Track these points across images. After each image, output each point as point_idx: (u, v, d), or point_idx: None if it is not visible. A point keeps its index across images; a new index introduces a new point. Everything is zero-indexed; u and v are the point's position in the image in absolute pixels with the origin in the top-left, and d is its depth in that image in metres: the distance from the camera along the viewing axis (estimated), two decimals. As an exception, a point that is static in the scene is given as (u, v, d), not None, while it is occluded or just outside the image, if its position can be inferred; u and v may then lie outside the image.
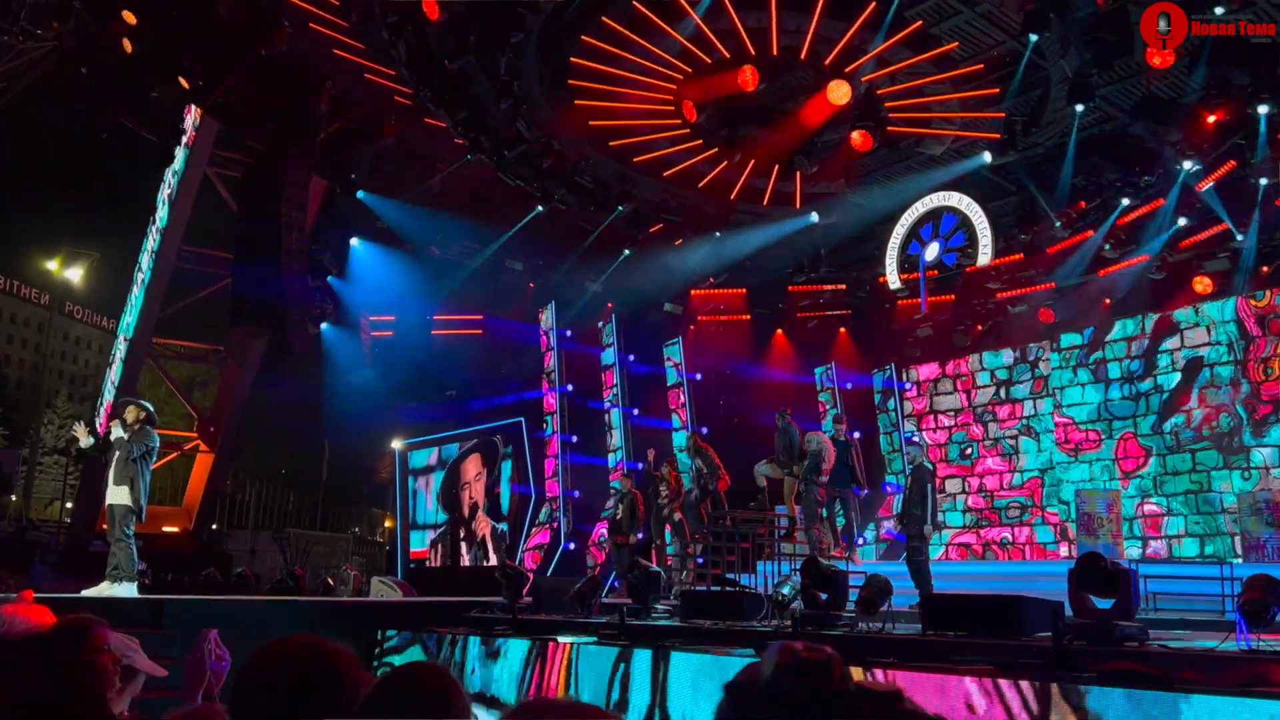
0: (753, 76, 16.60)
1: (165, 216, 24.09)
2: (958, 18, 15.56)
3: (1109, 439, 18.11)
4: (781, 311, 23.26)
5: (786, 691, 0.95)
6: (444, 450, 24.55)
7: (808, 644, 0.99)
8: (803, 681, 0.95)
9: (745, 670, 1.01)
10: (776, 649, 1.01)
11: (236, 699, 2.23)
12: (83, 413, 56.80)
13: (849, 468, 13.68)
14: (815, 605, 8.18)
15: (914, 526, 11.31)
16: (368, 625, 11.24)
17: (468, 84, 17.56)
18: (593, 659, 8.33)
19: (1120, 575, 6.81)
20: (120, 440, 10.22)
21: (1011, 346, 20.17)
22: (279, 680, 2.10)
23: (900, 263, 18.73)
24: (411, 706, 2.03)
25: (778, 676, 0.96)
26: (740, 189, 20.49)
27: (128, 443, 10.17)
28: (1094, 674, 5.51)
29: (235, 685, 2.19)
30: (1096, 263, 18.71)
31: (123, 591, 10.03)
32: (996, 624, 7.07)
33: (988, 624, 7.11)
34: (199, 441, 26.62)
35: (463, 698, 2.12)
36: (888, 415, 21.98)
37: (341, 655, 2.17)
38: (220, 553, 27.29)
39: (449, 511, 23.63)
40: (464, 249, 23.99)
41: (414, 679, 2.11)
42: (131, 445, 10.15)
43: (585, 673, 8.34)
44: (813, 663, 0.97)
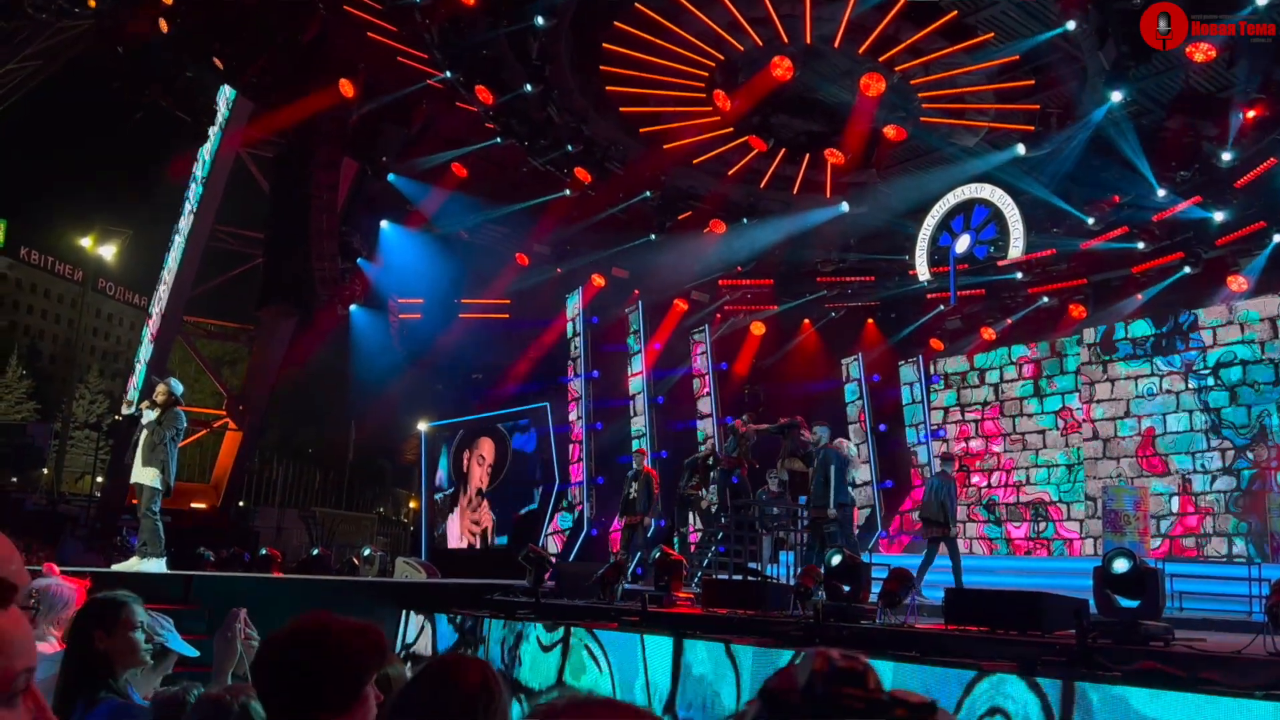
0: (787, 67, 16.50)
1: (198, 196, 24.29)
2: (994, 7, 15.39)
3: (1138, 436, 17.94)
4: (809, 302, 23.16)
5: (822, 698, 0.96)
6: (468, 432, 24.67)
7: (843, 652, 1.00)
8: (839, 689, 0.96)
9: (779, 676, 1.02)
10: (812, 655, 1.02)
11: (255, 677, 2.27)
12: (114, 388, 57.52)
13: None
14: (838, 597, 8.18)
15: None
16: (391, 605, 11.34)
17: (499, 68, 17.58)
18: (614, 645, 8.37)
19: (1147, 574, 6.78)
20: (151, 424, 10.29)
21: (1041, 340, 20.01)
22: (287, 660, 2.13)
23: (930, 255, 18.59)
24: (452, 698, 2.05)
25: (813, 683, 0.97)
26: (770, 177, 20.42)
27: (158, 424, 10.25)
28: (1118, 673, 5.49)
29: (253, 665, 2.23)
30: (1129, 258, 18.51)
31: (151, 567, 10.17)
32: (1020, 620, 7.05)
33: (1011, 620, 7.10)
34: (228, 419, 26.88)
35: (503, 692, 2.14)
36: (914, 408, 21.87)
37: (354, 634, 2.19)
38: (248, 530, 27.60)
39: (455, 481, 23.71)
40: (493, 233, 24.06)
41: (455, 671, 2.14)
42: (163, 428, 10.23)
43: (607, 658, 8.39)
44: (849, 671, 0.98)
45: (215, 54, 19.80)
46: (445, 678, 2.16)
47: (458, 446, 23.57)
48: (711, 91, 18.12)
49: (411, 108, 20.17)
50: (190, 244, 24.20)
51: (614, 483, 21.36)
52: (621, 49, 17.48)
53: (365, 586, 13.09)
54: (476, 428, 23.35)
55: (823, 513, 12.27)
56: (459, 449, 23.53)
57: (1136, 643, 6.22)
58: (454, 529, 23.17)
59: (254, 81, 20.49)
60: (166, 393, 10.40)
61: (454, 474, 23.57)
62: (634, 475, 15.27)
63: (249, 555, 17.99)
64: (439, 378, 26.18)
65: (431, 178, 21.76)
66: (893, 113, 17.67)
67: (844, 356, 22.65)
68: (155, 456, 10.21)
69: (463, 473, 23.31)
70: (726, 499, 15.57)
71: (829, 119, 18.34)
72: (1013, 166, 17.69)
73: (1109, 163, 16.73)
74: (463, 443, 23.52)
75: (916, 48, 16.48)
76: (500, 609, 10.36)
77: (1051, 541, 19.00)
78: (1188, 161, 16.12)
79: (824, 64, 17.28)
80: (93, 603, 3.36)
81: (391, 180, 21.25)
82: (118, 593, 3.72)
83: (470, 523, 22.86)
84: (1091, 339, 18.87)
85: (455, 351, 24.83)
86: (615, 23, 16.92)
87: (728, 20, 16.64)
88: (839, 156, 18.59)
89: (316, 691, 2.08)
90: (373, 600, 11.43)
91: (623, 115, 19.49)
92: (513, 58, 17.33)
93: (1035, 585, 12.49)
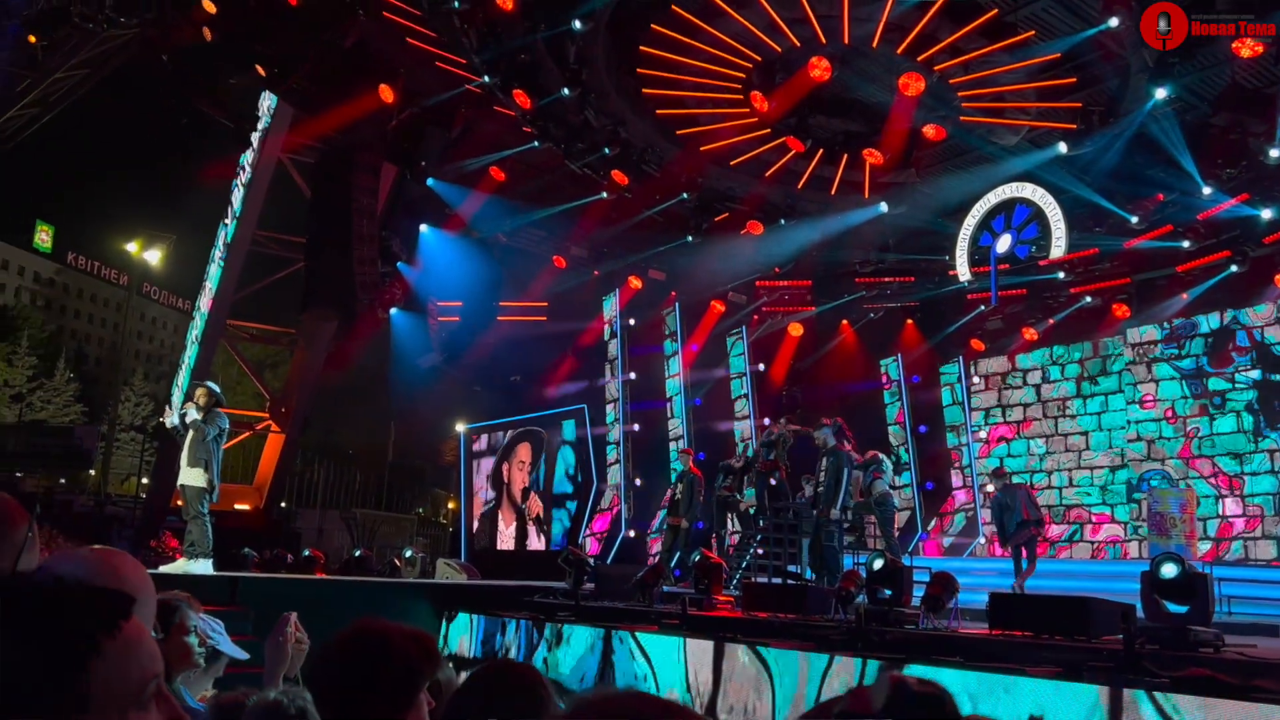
0: (825, 68, 16.44)
1: (240, 201, 24.61)
2: (1034, 5, 15.24)
3: (1183, 437, 17.67)
4: (847, 303, 23.04)
5: None
6: (494, 437, 24.80)
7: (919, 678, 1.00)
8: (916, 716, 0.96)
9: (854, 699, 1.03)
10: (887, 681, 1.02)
11: (311, 682, 2.31)
12: (158, 391, 58.44)
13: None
14: (879, 601, 8.13)
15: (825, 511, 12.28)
16: (433, 607, 11.42)
17: (537, 72, 17.68)
18: (654, 647, 8.39)
19: (1196, 579, 6.68)
20: (195, 423, 10.47)
21: (1084, 340, 19.77)
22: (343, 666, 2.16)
23: (971, 255, 18.43)
24: (503, 705, 2.08)
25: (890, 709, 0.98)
26: (807, 178, 20.34)
27: (202, 425, 10.42)
28: (1167, 679, 5.42)
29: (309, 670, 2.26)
30: (1174, 257, 18.24)
31: (198, 569, 10.30)
32: (1065, 625, 6.98)
33: (1057, 624, 7.02)
34: (270, 422, 27.20)
35: (551, 697, 2.16)
36: (954, 410, 21.68)
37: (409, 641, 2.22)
38: (290, 531, 27.92)
39: (495, 491, 23.88)
40: (530, 236, 24.18)
41: (506, 677, 2.16)
42: (206, 428, 10.40)
43: (648, 661, 8.40)
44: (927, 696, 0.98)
45: (258, 61, 20.12)
46: (496, 684, 2.18)
47: (497, 461, 23.79)
48: (749, 93, 18.10)
49: (450, 112, 20.35)
50: (233, 249, 24.51)
51: (651, 485, 21.38)
52: (658, 51, 17.51)
53: (407, 588, 13.19)
54: (512, 435, 23.48)
55: (826, 513, 12.34)
56: (497, 463, 23.75)
57: (1185, 649, 6.13)
58: (504, 533, 23.34)
59: (295, 88, 20.78)
60: (207, 394, 10.60)
61: (494, 487, 23.81)
62: (680, 476, 15.23)
63: (291, 556, 18.18)
64: (477, 380, 26.35)
65: (470, 181, 21.92)
66: (932, 112, 17.55)
67: (883, 357, 22.50)
68: (199, 457, 10.38)
69: (503, 482, 23.51)
70: (765, 501, 15.52)
71: (867, 119, 18.25)
72: (1054, 165, 17.48)
73: (1153, 160, 16.50)
74: (501, 456, 23.70)
75: (956, 47, 16.36)
76: (540, 611, 10.41)
77: (1096, 544, 18.74)
78: (1234, 158, 15.86)
79: (862, 64, 17.20)
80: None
81: (431, 184, 21.43)
82: (171, 596, 3.79)
83: (520, 520, 23.04)
84: (1136, 338, 18.61)
85: (493, 354, 24.97)
86: (652, 25, 16.96)
87: (765, 21, 16.62)
88: (877, 156, 18.49)
89: (371, 697, 2.11)
90: (414, 601, 11.53)
91: (659, 117, 19.51)
92: (550, 62, 17.41)
93: (1078, 589, 12.38)
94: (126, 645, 1.17)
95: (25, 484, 34.61)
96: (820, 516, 12.56)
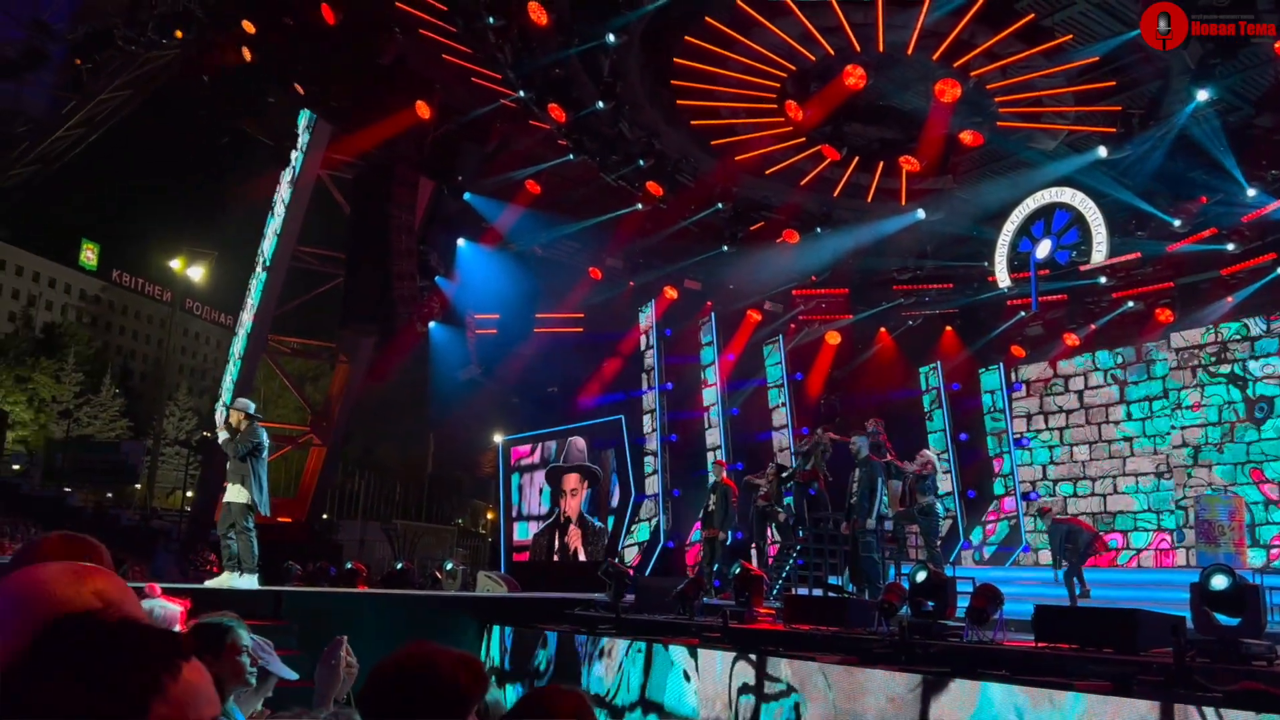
0: (860, 76, 16.38)
1: (281, 218, 24.96)
2: (1072, 8, 15.10)
3: (1230, 443, 17.37)
4: (885, 310, 22.90)
5: None
6: (545, 446, 24.87)
7: None
8: None
9: None
10: None
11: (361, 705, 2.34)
12: (202, 405, 59.25)
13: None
14: (922, 614, 8.06)
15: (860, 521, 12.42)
16: (475, 620, 11.48)
17: (571, 86, 17.77)
18: (696, 661, 8.37)
19: (1247, 590, 6.57)
20: (227, 442, 10.58)
21: (1127, 346, 19.51)
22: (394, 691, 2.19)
23: (1010, 260, 18.25)
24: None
25: None
26: (843, 186, 20.26)
27: (235, 443, 10.52)
28: (1219, 693, 5.33)
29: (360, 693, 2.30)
30: (1218, 260, 17.97)
31: (244, 583, 10.41)
32: (1113, 637, 6.88)
33: (1103, 637, 6.92)
34: (311, 435, 27.51)
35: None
36: (995, 416, 21.47)
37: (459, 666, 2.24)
38: (332, 542, 28.19)
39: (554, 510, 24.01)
40: (566, 248, 24.30)
41: (552, 703, 2.17)
42: (238, 445, 10.49)
43: (689, 674, 8.38)
44: None
45: (297, 80, 20.41)
46: (543, 706, 2.20)
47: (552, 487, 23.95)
48: (783, 102, 18.06)
49: (486, 127, 20.51)
50: (274, 265, 24.84)
51: (689, 495, 21.34)
52: (692, 63, 17.53)
53: (449, 601, 13.26)
54: (558, 468, 23.61)
55: (861, 525, 12.40)
56: (554, 493, 23.90)
57: (1237, 662, 6.03)
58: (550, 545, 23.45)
59: (334, 105, 21.06)
60: (237, 415, 10.70)
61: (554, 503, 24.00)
62: (712, 487, 15.15)
63: (334, 569, 18.35)
64: (515, 391, 26.49)
65: (506, 195, 22.07)
66: (969, 118, 17.41)
67: (922, 365, 22.33)
68: (237, 473, 10.51)
69: (558, 505, 23.75)
70: (804, 512, 15.43)
71: (903, 126, 18.14)
72: (1094, 169, 17.28)
73: (1195, 163, 16.27)
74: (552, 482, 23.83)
75: (992, 52, 16.23)
76: (581, 623, 10.43)
77: (1141, 552, 18.46)
78: (1278, 159, 15.61)
79: (897, 71, 17.12)
80: (200, 628, 3.48)
81: (467, 199, 21.60)
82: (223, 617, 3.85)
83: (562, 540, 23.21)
84: (1180, 343, 18.34)
85: (530, 365, 25.10)
86: (685, 37, 16.98)
87: (799, 31, 16.58)
88: (914, 163, 18.38)
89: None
90: (457, 615, 11.59)
91: (694, 128, 19.53)
92: (584, 75, 17.50)
93: (1124, 598, 12.21)
94: (188, 687, 1.19)
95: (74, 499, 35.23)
96: (855, 529, 12.52)
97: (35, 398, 52.01)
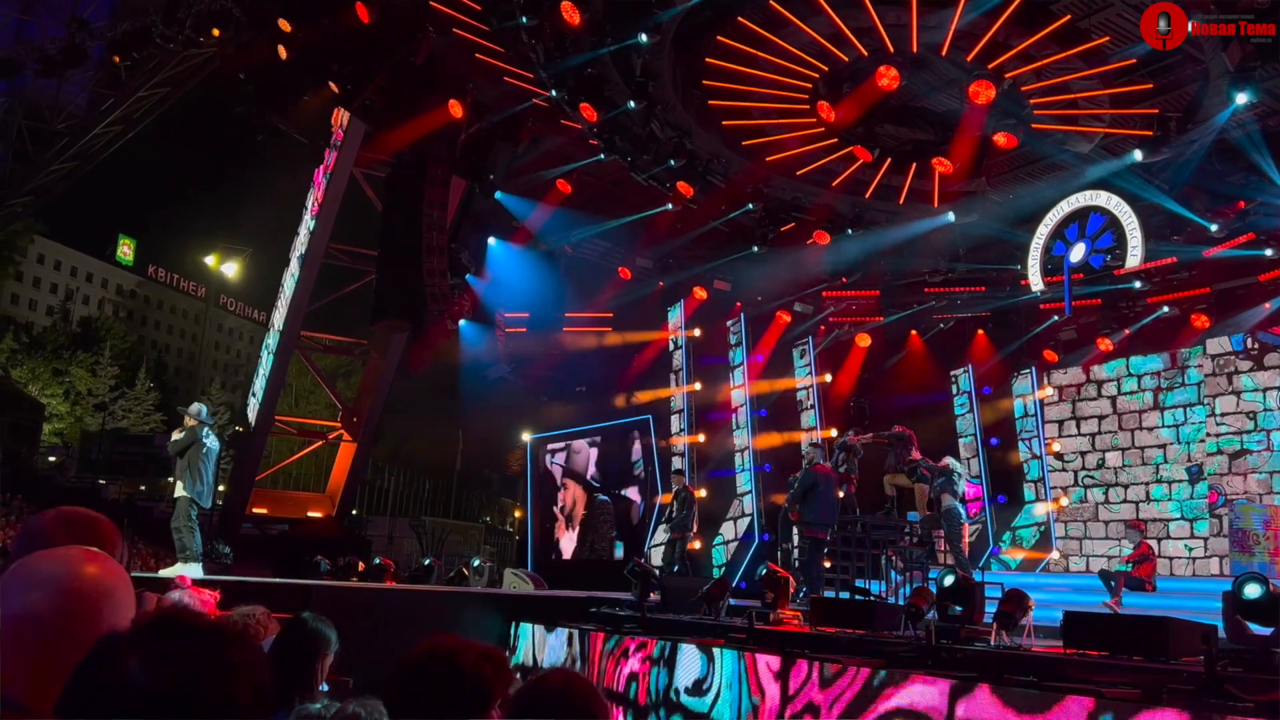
0: (893, 77, 16.28)
1: (314, 215, 25.15)
2: (1109, 10, 14.93)
3: (1266, 450, 17.12)
4: (916, 313, 22.75)
5: None
6: (571, 445, 24.98)
7: None
8: None
9: None
10: None
11: (388, 698, 2.36)
12: (235, 400, 59.87)
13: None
14: (949, 618, 8.02)
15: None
16: (502, 617, 11.53)
17: (603, 86, 17.78)
18: (720, 661, 8.36)
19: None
20: (173, 442, 11.89)
21: (1162, 352, 19.28)
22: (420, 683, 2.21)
23: (1044, 264, 18.08)
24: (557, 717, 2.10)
25: None
26: (875, 187, 20.14)
27: (171, 442, 11.92)
28: (1250, 703, 5.27)
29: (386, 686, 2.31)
30: (1256, 266, 17.72)
31: (190, 571, 10.97)
32: (1143, 645, 6.81)
33: (1134, 645, 6.85)
34: (342, 430, 27.71)
35: (608, 711, 2.19)
36: (1027, 422, 21.28)
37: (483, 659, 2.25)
38: (361, 538, 28.38)
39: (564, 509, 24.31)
40: (596, 248, 24.34)
41: (561, 689, 2.19)
42: (172, 444, 11.86)
43: (713, 675, 8.38)
44: None
45: (331, 78, 20.56)
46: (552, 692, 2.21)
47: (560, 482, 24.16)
48: (815, 103, 17.98)
49: (518, 126, 20.57)
50: (307, 262, 25.04)
51: (715, 496, 21.33)
52: (724, 63, 17.50)
53: (475, 598, 13.33)
54: (564, 470, 23.88)
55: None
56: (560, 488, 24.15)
57: (1270, 672, 5.95)
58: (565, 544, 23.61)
59: (368, 104, 21.19)
60: (186, 419, 11.93)
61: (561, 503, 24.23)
62: (676, 493, 16.73)
63: (363, 564, 18.49)
64: (544, 390, 26.57)
65: (536, 194, 22.13)
66: (1003, 120, 17.24)
67: (953, 368, 22.18)
68: (181, 470, 11.72)
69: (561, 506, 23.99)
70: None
71: (936, 127, 18.02)
72: (1130, 173, 17.07)
73: (1234, 167, 16.06)
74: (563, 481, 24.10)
75: (1027, 53, 16.07)
76: (607, 622, 10.45)
77: (1173, 560, 18.23)
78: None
79: (931, 72, 17.00)
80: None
81: (498, 197, 21.68)
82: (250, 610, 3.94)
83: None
84: (1216, 349, 18.09)
85: (559, 364, 25.17)
86: (718, 37, 16.95)
87: (831, 31, 16.50)
88: (947, 165, 18.23)
89: (445, 713, 2.16)
90: (483, 611, 11.64)
91: (725, 129, 19.49)
92: (616, 75, 17.50)
93: (1155, 605, 12.07)
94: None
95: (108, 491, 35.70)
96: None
97: (71, 391, 52.79)
